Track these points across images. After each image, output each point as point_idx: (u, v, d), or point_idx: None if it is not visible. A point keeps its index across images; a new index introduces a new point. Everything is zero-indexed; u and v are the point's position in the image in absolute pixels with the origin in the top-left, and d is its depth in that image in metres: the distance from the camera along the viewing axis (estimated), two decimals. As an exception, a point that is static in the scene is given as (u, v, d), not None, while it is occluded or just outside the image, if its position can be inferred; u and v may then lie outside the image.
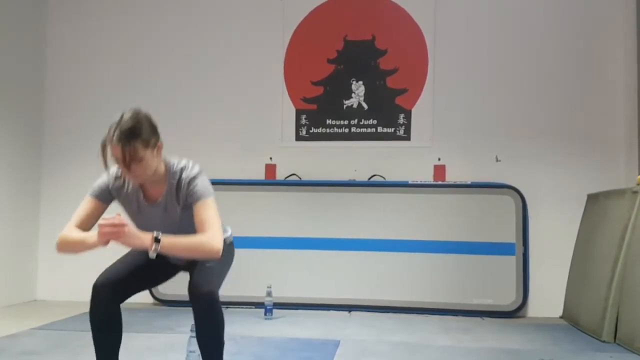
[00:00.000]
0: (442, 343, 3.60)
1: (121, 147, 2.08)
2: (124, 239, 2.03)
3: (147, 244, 2.04)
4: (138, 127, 2.14)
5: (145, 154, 2.13)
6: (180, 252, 2.13)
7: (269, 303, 4.30)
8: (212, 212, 2.16)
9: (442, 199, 4.79)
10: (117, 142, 2.09)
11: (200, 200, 2.19)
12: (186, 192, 2.21)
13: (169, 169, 2.27)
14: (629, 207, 3.74)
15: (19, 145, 4.97)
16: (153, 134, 2.19)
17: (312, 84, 5.11)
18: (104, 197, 2.29)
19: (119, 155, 2.10)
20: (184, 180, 2.23)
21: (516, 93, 4.91)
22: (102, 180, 2.30)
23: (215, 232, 2.11)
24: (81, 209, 2.30)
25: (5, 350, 3.22)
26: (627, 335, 3.51)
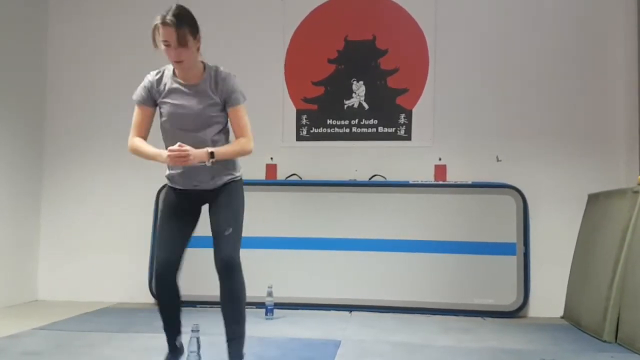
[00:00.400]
0: (442, 343, 3.60)
1: (173, 29, 2.41)
2: (189, 161, 2.46)
3: (205, 158, 2.48)
4: (187, 14, 2.48)
5: (190, 41, 2.47)
6: (228, 156, 2.61)
7: (270, 303, 4.30)
8: (246, 117, 2.65)
9: (442, 198, 4.79)
10: (171, 24, 2.41)
11: (240, 104, 2.62)
12: (226, 86, 2.60)
13: (206, 65, 2.63)
14: (629, 207, 3.74)
15: (20, 145, 4.97)
16: (197, 26, 2.52)
17: (312, 84, 5.11)
18: (146, 99, 2.64)
19: (170, 36, 2.43)
20: (222, 73, 2.61)
21: (517, 93, 4.91)
22: (141, 85, 2.67)
23: (250, 136, 2.65)
24: (135, 119, 2.65)
25: (6, 350, 3.22)
26: (628, 336, 3.51)
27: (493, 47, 4.96)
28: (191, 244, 5.01)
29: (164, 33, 2.44)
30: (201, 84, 2.58)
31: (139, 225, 5.05)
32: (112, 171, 5.19)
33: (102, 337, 3.57)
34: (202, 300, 4.76)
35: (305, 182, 4.97)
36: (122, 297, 5.03)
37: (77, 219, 5.20)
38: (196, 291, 4.78)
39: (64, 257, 5.16)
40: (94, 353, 3.20)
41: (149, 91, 2.64)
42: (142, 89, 2.66)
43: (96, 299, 4.94)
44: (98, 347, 3.32)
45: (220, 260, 2.55)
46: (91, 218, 5.17)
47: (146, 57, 5.21)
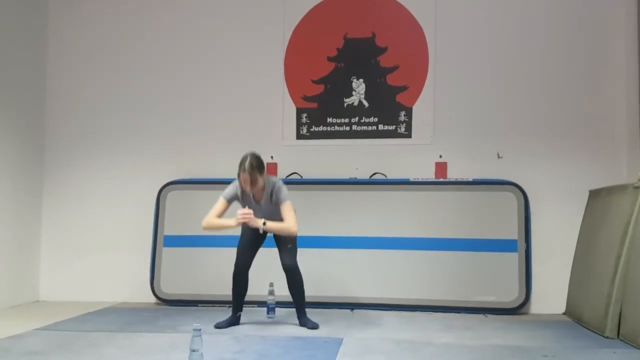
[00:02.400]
0: (444, 340, 3.60)
1: (249, 175, 3.66)
2: (251, 222, 3.70)
3: (259, 225, 3.72)
4: (258, 164, 3.71)
5: (260, 179, 3.73)
6: (275, 230, 3.82)
7: (272, 302, 4.30)
8: (291, 209, 3.81)
9: (443, 196, 4.78)
10: (248, 172, 3.65)
11: (284, 202, 3.81)
12: (277, 196, 3.82)
13: (267, 183, 3.83)
14: (631, 203, 3.74)
15: (21, 146, 4.97)
16: (263, 168, 3.76)
17: (312, 82, 5.10)
18: (231, 199, 3.86)
19: (247, 179, 3.67)
20: (274, 190, 3.84)
21: (517, 89, 4.90)
22: (232, 189, 3.85)
23: (293, 221, 3.79)
24: (217, 206, 3.82)
25: (9, 350, 3.22)
26: (630, 331, 3.51)
27: (493, 44, 4.95)
28: (193, 244, 5.04)
29: (242, 176, 3.68)
30: (264, 199, 3.85)
31: (140, 225, 5.05)
32: (113, 171, 5.20)
33: (104, 337, 3.57)
34: (204, 300, 4.77)
35: (305, 181, 4.97)
36: (123, 297, 5.04)
37: (79, 219, 5.20)
38: (198, 290, 4.80)
39: (66, 258, 5.17)
40: (96, 353, 3.20)
41: (234, 195, 3.85)
42: (231, 191, 3.85)
43: (98, 299, 4.95)
44: (100, 347, 3.32)
45: (287, 265, 3.86)
46: (92, 218, 5.18)
47: (146, 57, 5.28)
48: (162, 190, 5.02)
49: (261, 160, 3.76)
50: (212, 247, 4.77)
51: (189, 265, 4.90)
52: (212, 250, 4.79)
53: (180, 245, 4.92)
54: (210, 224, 3.76)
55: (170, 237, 4.95)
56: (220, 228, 3.78)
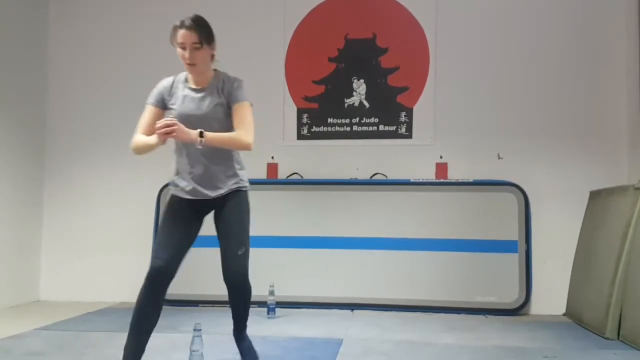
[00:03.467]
0: (445, 341, 3.60)
1: (189, 32, 2.58)
2: (177, 134, 2.43)
3: (194, 137, 2.46)
4: (204, 22, 2.64)
5: (204, 46, 2.61)
6: (220, 143, 2.57)
7: (272, 302, 4.30)
8: (249, 114, 2.65)
9: (444, 196, 4.78)
10: (188, 27, 2.60)
11: (242, 101, 2.66)
12: (231, 88, 2.67)
13: (217, 71, 2.74)
14: (631, 204, 3.74)
15: (21, 146, 4.97)
16: (212, 35, 2.67)
17: (313, 83, 5.10)
18: (159, 100, 2.73)
19: (186, 39, 2.60)
20: (230, 79, 2.70)
21: (518, 90, 4.90)
22: (156, 88, 2.77)
23: (250, 130, 2.61)
24: (143, 117, 2.72)
25: (9, 351, 3.22)
26: (630, 332, 3.50)
27: (493, 45, 4.95)
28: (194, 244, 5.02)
29: (181, 35, 2.62)
30: (209, 87, 2.69)
31: (140, 225, 5.05)
32: (113, 171, 5.20)
33: (104, 337, 3.57)
34: (204, 300, 4.77)
35: (306, 181, 4.97)
36: (124, 297, 5.03)
37: (79, 219, 5.20)
38: (198, 290, 4.79)
39: (66, 258, 5.17)
40: (96, 353, 3.20)
41: (162, 95, 2.75)
42: (156, 92, 2.77)
43: (98, 299, 4.95)
44: (100, 347, 3.32)
45: (233, 278, 2.68)
46: (93, 218, 5.18)
47: (147, 57, 5.28)
48: (163, 191, 5.02)
49: (210, 26, 2.71)
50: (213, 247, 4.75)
51: (189, 265, 4.85)
52: (212, 250, 4.76)
53: (180, 246, 4.91)
54: (135, 144, 2.66)
55: (170, 237, 4.95)
56: (144, 149, 2.65)
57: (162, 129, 2.42)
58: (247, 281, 2.74)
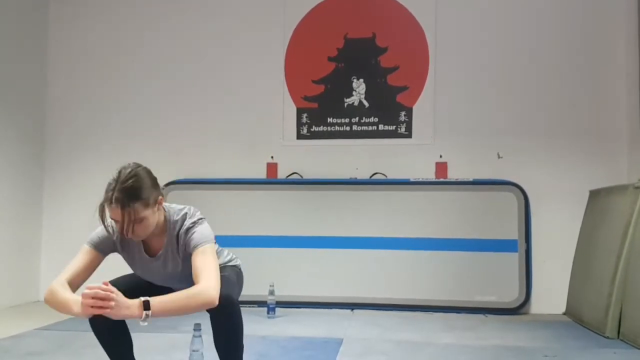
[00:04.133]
0: (445, 341, 3.60)
1: (120, 210, 2.00)
2: (111, 312, 1.85)
3: (135, 313, 1.86)
4: (137, 186, 2.04)
5: (146, 214, 2.06)
6: (175, 312, 1.96)
7: (272, 302, 4.30)
8: (207, 260, 2.04)
9: (444, 196, 4.78)
10: (117, 205, 2.00)
11: (197, 248, 2.08)
12: (184, 242, 2.14)
13: (169, 219, 2.18)
14: (631, 203, 3.74)
15: (21, 146, 4.97)
16: (153, 191, 2.09)
17: (313, 83, 5.10)
18: (104, 248, 2.19)
19: (118, 217, 2.02)
20: (182, 231, 2.15)
21: (518, 89, 4.90)
22: (100, 232, 2.19)
23: (211, 281, 1.97)
24: (77, 260, 2.17)
25: (9, 351, 3.22)
26: (630, 331, 3.50)
27: (493, 44, 4.95)
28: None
29: (112, 213, 2.05)
30: (162, 254, 2.19)
31: (140, 225, 5.04)
32: (113, 171, 5.17)
33: (104, 337, 3.56)
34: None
35: (306, 181, 4.96)
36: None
37: (79, 219, 5.19)
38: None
39: (66, 257, 5.08)
40: (96, 353, 3.19)
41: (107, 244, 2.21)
42: (100, 237, 2.19)
43: (98, 299, 4.94)
44: (100, 347, 3.31)
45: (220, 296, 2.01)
46: (93, 218, 5.14)
47: (147, 57, 5.27)
48: (163, 190, 5.02)
49: (152, 177, 2.16)
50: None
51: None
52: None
53: (180, 245, 4.92)
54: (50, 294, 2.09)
55: (170, 237, 4.95)
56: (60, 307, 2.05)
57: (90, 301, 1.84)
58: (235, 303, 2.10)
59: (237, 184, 4.94)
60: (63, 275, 2.11)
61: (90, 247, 2.17)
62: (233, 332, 2.09)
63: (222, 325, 2.07)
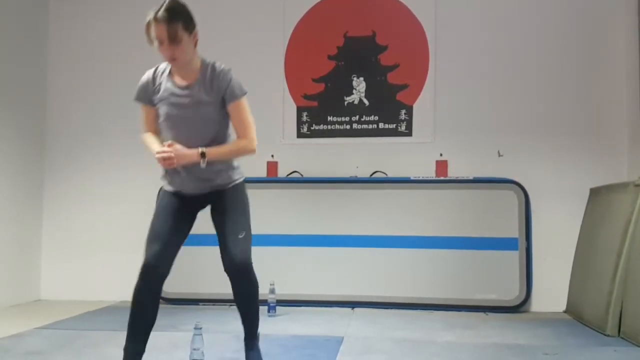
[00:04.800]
0: (445, 339, 3.60)
1: (165, 26, 2.29)
2: (177, 162, 2.33)
3: (196, 159, 2.33)
4: (180, 10, 2.34)
5: (184, 36, 2.34)
6: (223, 157, 2.46)
7: (272, 300, 4.30)
8: (247, 112, 2.46)
9: (444, 194, 4.78)
10: (162, 21, 2.30)
11: (238, 99, 2.43)
12: (222, 83, 2.42)
13: (203, 60, 2.48)
14: (631, 201, 3.74)
15: (21, 145, 4.97)
16: (191, 21, 2.39)
17: (313, 81, 5.10)
18: (144, 98, 2.56)
19: (162, 33, 2.31)
20: (218, 72, 2.42)
21: (518, 87, 4.90)
22: (139, 84, 2.59)
23: (252, 132, 2.48)
24: (142, 117, 2.63)
25: (10, 350, 3.22)
26: (631, 329, 3.50)
27: (493, 42, 4.94)
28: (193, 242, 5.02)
29: (156, 30, 2.33)
30: (195, 85, 2.44)
31: (140, 224, 4.99)
32: (113, 171, 5.20)
33: (104, 336, 3.57)
34: (205, 298, 4.77)
35: (306, 180, 4.96)
36: (124, 296, 5.01)
37: (79, 218, 5.21)
38: (199, 289, 4.80)
39: (66, 257, 5.17)
40: (96, 352, 3.20)
41: (145, 90, 2.55)
42: (138, 88, 2.57)
43: (99, 298, 4.95)
44: (101, 346, 3.32)
45: (236, 264, 2.44)
46: (93, 217, 5.18)
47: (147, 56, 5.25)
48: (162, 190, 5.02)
49: (188, 9, 2.44)
50: (213, 245, 4.75)
51: (189, 264, 4.89)
52: (212, 249, 4.75)
53: (180, 244, 4.92)
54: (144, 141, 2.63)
55: (170, 236, 4.95)
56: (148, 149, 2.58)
57: (162, 161, 2.34)
58: (251, 270, 2.51)
59: (237, 182, 4.94)
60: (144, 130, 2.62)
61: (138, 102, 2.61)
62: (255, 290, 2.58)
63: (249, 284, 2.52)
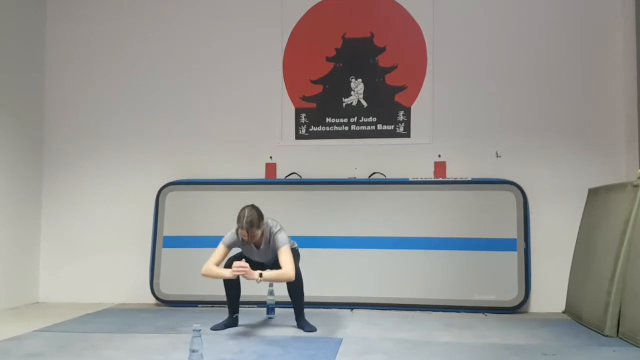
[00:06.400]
0: (444, 339, 3.60)
1: (247, 231, 3.70)
2: (247, 275, 3.64)
3: (255, 277, 3.64)
4: (255, 220, 3.71)
5: (258, 232, 3.77)
6: (272, 280, 3.89)
7: (271, 302, 4.30)
8: (287, 255, 3.77)
9: (442, 195, 4.78)
10: (245, 228, 3.69)
11: (281, 247, 3.81)
12: (275, 242, 3.85)
13: (265, 230, 3.85)
14: (630, 201, 3.74)
15: (20, 147, 4.97)
16: (260, 220, 3.76)
17: (311, 83, 5.11)
18: (232, 245, 3.91)
19: (245, 235, 3.73)
20: (272, 235, 3.87)
21: (516, 88, 4.90)
22: (232, 237, 3.88)
23: (290, 267, 3.73)
24: (217, 252, 3.86)
25: (8, 352, 3.22)
26: (629, 329, 3.51)
27: (491, 43, 4.96)
28: (192, 245, 5.05)
29: (242, 232, 3.74)
30: (264, 246, 3.89)
31: (139, 227, 5.05)
32: (112, 172, 5.20)
33: (103, 338, 3.57)
34: (203, 300, 4.77)
35: (304, 181, 4.97)
36: (123, 298, 5.04)
37: (78, 220, 5.20)
38: (197, 291, 4.79)
39: (65, 259, 5.16)
40: (95, 354, 3.20)
41: (234, 243, 3.90)
42: (231, 240, 3.88)
43: (97, 300, 4.95)
44: (99, 348, 3.32)
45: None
46: (92, 219, 5.17)
47: (145, 58, 5.28)
48: (162, 191, 5.02)
49: (259, 212, 3.75)
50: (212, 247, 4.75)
51: (188, 266, 4.89)
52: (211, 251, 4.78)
53: (179, 246, 4.92)
54: (209, 272, 3.75)
55: (169, 238, 4.95)
56: (217, 277, 3.77)
57: (237, 269, 3.63)
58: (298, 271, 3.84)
59: (236, 184, 4.94)
60: (211, 261, 3.80)
61: (223, 245, 3.88)
62: (300, 290, 3.90)
63: (295, 287, 3.84)
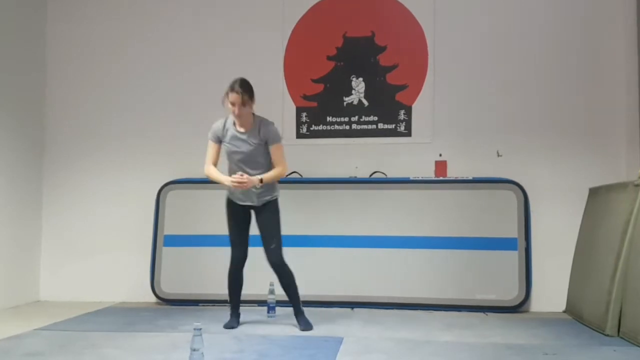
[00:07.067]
0: (445, 339, 3.60)
1: (237, 95, 3.56)
2: (247, 185, 3.59)
3: (256, 183, 3.60)
4: (248, 86, 3.63)
5: (248, 102, 3.62)
6: (271, 180, 3.73)
7: (272, 301, 4.30)
8: (282, 153, 3.74)
9: (443, 194, 4.78)
10: (237, 91, 3.57)
11: (276, 143, 3.72)
12: (267, 133, 3.70)
13: (255, 117, 3.73)
14: (630, 201, 3.74)
15: (20, 147, 4.96)
16: (253, 94, 3.66)
17: (312, 82, 5.10)
18: (216, 137, 3.78)
19: (236, 99, 3.58)
20: (265, 125, 3.72)
21: (517, 88, 4.90)
22: (214, 127, 3.78)
23: (285, 166, 3.77)
24: (209, 151, 3.78)
25: (9, 351, 3.22)
26: (630, 329, 3.51)
27: (492, 43, 4.95)
28: (193, 244, 5.04)
29: (232, 97, 3.60)
30: (250, 132, 3.71)
31: (139, 225, 5.05)
32: (112, 172, 5.20)
33: (104, 337, 3.57)
34: (205, 299, 4.77)
35: (305, 180, 4.96)
36: (123, 297, 5.04)
37: (78, 219, 5.20)
38: (198, 290, 4.80)
39: (66, 258, 5.16)
40: (96, 353, 3.20)
41: (217, 134, 3.78)
42: (212, 131, 3.79)
43: (98, 299, 4.95)
44: (100, 347, 3.32)
45: (273, 263, 3.82)
46: (92, 218, 5.17)
47: (146, 58, 5.27)
48: (162, 190, 5.02)
49: (252, 87, 3.69)
50: (212, 246, 4.76)
51: (189, 265, 4.90)
52: (212, 250, 4.79)
53: (180, 245, 4.92)
54: (209, 173, 3.76)
55: (170, 237, 4.95)
56: (215, 180, 3.75)
57: (236, 182, 3.58)
58: (285, 265, 3.82)
59: (237, 183, 4.94)
60: (208, 161, 3.78)
61: (212, 142, 3.79)
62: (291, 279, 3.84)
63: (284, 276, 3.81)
